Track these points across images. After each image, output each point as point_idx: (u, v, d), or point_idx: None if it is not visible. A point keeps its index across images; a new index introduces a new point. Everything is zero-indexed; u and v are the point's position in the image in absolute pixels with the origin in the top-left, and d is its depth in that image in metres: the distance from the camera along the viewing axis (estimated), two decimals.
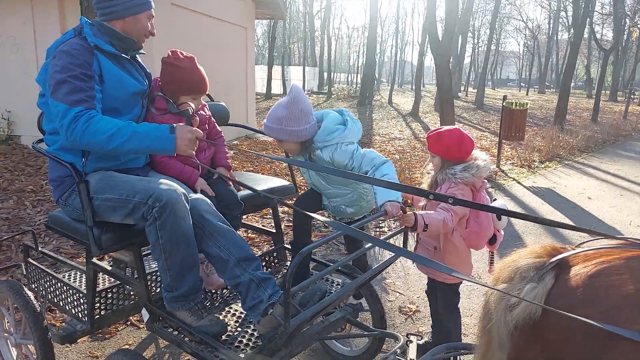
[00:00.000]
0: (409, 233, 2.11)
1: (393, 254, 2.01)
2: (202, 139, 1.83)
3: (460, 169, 2.27)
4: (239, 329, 1.89)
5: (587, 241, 1.50)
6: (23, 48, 7.67)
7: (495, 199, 2.85)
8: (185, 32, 7.87)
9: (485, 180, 2.38)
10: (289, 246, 2.52)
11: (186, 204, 1.76)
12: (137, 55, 2.07)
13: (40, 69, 1.87)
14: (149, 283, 2.12)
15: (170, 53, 2.07)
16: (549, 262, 1.39)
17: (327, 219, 1.50)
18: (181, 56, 2.07)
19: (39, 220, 4.55)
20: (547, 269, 1.37)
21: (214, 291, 2.16)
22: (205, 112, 2.25)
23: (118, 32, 1.92)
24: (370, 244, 1.92)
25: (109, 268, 2.11)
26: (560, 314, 1.25)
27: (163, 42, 5.71)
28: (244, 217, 2.36)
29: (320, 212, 2.42)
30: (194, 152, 1.79)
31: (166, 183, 1.78)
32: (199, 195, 1.92)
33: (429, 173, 2.47)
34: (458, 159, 2.30)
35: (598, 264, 1.29)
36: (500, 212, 1.32)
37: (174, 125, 1.76)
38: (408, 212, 2.07)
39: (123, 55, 1.94)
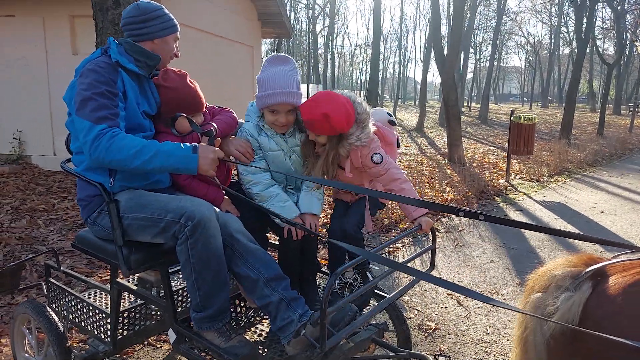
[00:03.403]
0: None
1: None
2: (223, 158, 1.83)
3: (358, 132, 2.02)
4: (266, 350, 1.86)
5: (624, 253, 1.48)
6: (35, 69, 7.78)
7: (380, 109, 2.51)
8: (194, 51, 7.97)
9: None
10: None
11: (217, 223, 1.76)
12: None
13: (67, 88, 1.88)
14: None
15: (161, 73, 2.04)
16: (585, 271, 1.37)
17: (355, 247, 1.49)
18: (172, 75, 2.03)
19: (52, 239, 4.55)
20: (584, 278, 1.35)
21: (239, 311, 2.13)
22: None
23: (146, 50, 1.94)
24: (407, 258, 1.90)
25: (134, 287, 2.10)
26: (598, 323, 1.23)
27: (173, 60, 5.78)
28: None
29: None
30: (214, 172, 1.79)
31: (197, 201, 1.78)
32: (229, 214, 1.91)
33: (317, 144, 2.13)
34: (342, 132, 2.01)
35: (637, 274, 1.27)
36: (545, 231, 1.31)
37: (197, 145, 1.76)
38: (424, 223, 2.03)
39: (143, 75, 1.95)
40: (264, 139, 2.09)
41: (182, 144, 1.75)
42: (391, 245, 4.59)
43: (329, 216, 2.54)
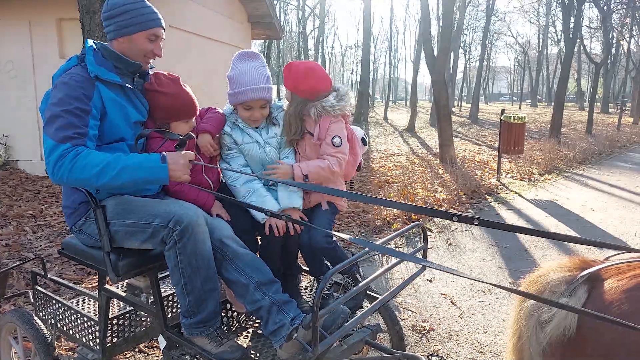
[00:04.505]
0: None
1: (412, 273, 1.99)
2: (194, 160, 1.75)
3: (335, 101, 2.11)
4: (258, 355, 1.84)
5: (615, 254, 1.47)
6: (21, 73, 7.67)
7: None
8: (183, 54, 7.92)
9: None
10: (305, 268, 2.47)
11: (206, 227, 1.73)
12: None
13: (43, 98, 1.80)
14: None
15: (152, 78, 1.96)
16: (579, 275, 1.36)
17: (357, 238, 1.47)
18: (164, 80, 1.96)
19: (40, 246, 4.47)
20: (579, 282, 1.34)
21: (230, 316, 2.10)
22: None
23: (123, 56, 1.83)
24: (397, 260, 1.88)
25: (123, 294, 2.06)
26: (596, 329, 1.21)
27: (162, 63, 5.74)
28: None
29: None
30: (189, 177, 1.71)
31: (185, 205, 1.75)
32: (218, 219, 1.88)
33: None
34: (307, 94, 2.10)
35: (633, 277, 1.26)
36: (535, 234, 1.29)
37: (165, 154, 1.68)
38: (282, 165, 2.05)
39: (126, 84, 1.86)
40: (238, 133, 2.11)
41: (150, 154, 1.69)
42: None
43: None
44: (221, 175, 2.24)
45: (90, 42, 1.86)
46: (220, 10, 9.53)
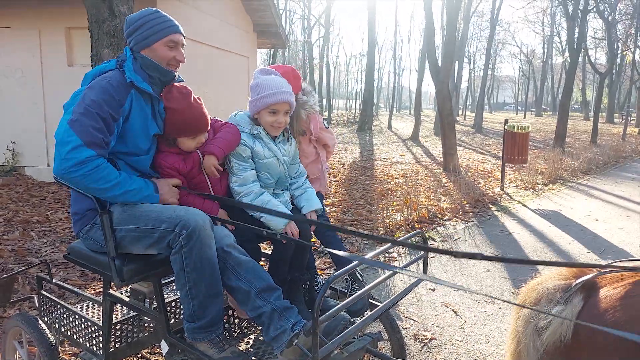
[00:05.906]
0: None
1: (413, 281, 2.00)
2: (180, 185, 1.96)
3: (312, 100, 2.53)
4: None
5: (613, 262, 1.48)
6: (30, 80, 7.79)
7: None
8: (191, 63, 7.99)
9: None
10: None
11: (211, 232, 1.76)
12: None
13: (72, 95, 1.82)
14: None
15: (165, 90, 1.96)
16: (574, 283, 1.37)
17: (347, 253, 1.50)
18: (175, 94, 1.94)
19: (45, 251, 4.51)
20: (574, 290, 1.35)
21: (231, 322, 2.12)
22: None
23: (160, 66, 1.89)
24: (390, 272, 1.90)
25: (126, 299, 2.08)
26: (592, 337, 1.22)
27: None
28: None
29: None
30: (176, 200, 1.91)
31: (192, 210, 1.77)
32: (221, 228, 1.91)
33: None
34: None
35: (628, 285, 1.27)
36: (525, 263, 1.31)
37: (156, 182, 1.88)
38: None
39: (155, 96, 1.90)
40: (259, 147, 2.11)
41: (148, 183, 1.85)
42: (387, 255, 4.59)
43: None
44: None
45: (129, 51, 1.91)
46: (226, 19, 9.64)
